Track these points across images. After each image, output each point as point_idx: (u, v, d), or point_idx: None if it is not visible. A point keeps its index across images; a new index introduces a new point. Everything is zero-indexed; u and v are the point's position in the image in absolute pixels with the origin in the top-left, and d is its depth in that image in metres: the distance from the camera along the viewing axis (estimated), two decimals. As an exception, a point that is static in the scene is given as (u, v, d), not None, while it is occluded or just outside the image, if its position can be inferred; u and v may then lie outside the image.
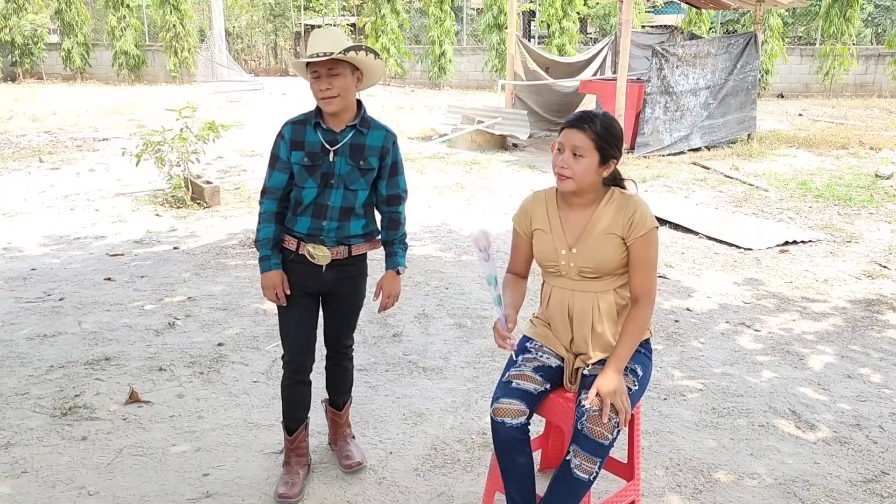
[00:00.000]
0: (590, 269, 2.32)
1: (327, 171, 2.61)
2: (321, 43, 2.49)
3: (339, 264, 2.70)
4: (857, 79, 19.85)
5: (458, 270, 5.44)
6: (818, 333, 4.37)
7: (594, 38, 25.94)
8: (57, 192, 8.05)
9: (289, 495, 2.73)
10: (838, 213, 7.19)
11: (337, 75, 2.51)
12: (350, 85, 2.55)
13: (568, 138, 2.29)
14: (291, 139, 2.64)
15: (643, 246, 2.30)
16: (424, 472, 2.93)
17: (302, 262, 2.68)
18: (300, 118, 2.67)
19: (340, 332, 2.88)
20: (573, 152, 2.27)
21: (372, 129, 2.66)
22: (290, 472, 2.83)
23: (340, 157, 2.61)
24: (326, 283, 2.71)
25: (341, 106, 2.56)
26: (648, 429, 3.25)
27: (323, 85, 2.51)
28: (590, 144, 2.26)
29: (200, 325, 4.36)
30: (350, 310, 2.85)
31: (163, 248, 5.99)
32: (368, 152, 2.64)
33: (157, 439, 3.14)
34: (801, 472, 2.96)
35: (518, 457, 2.29)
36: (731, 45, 10.77)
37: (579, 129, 2.27)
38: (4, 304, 4.70)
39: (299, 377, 2.81)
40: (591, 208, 2.35)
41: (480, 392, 3.58)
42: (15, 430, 3.19)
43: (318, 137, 2.61)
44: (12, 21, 22.61)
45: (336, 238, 2.67)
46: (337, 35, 2.54)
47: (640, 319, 2.32)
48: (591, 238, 2.32)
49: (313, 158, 2.60)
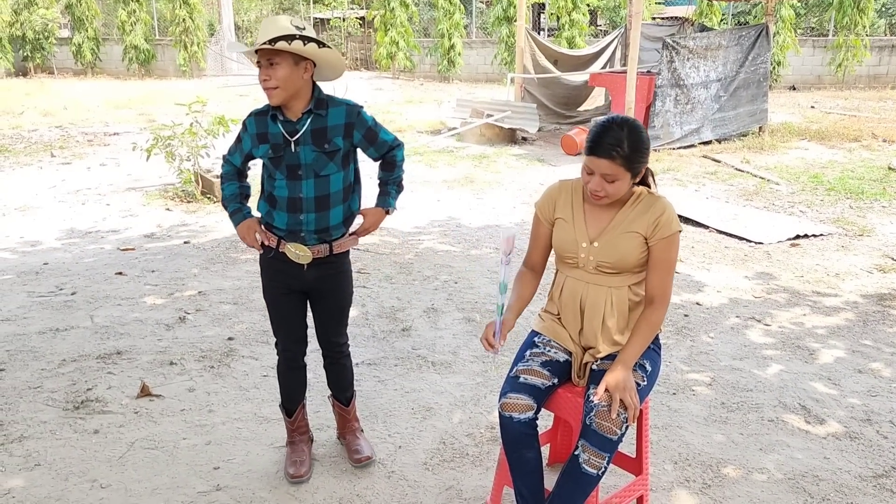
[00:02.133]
0: (608, 264, 2.32)
1: (292, 162, 2.57)
2: (264, 32, 2.42)
3: (321, 262, 2.68)
4: (871, 70, 19.64)
5: (467, 265, 5.44)
6: (829, 328, 4.35)
7: (604, 31, 25.81)
8: (68, 187, 8.11)
9: (300, 474, 2.81)
10: (850, 207, 7.14)
11: (275, 65, 2.44)
12: (292, 75, 2.46)
13: (597, 166, 2.20)
14: (256, 132, 2.62)
15: (665, 248, 2.29)
16: (433, 466, 2.94)
17: (283, 260, 2.67)
18: (261, 109, 2.63)
19: (330, 331, 2.85)
20: (605, 179, 2.22)
21: (332, 108, 2.59)
22: (295, 450, 2.90)
23: (303, 145, 2.56)
24: (309, 281, 2.70)
25: (283, 97, 2.49)
26: (657, 423, 3.25)
27: (263, 75, 2.46)
28: (619, 169, 2.19)
29: (211, 320, 4.39)
30: (336, 307, 2.82)
31: (173, 243, 6.02)
32: (331, 133, 2.58)
33: (169, 433, 3.17)
34: (811, 467, 2.95)
35: (526, 451, 2.30)
36: (743, 37, 10.69)
37: (607, 157, 2.17)
38: (17, 297, 4.74)
39: (294, 363, 2.87)
40: (616, 205, 2.34)
41: (489, 387, 3.59)
42: (28, 423, 3.23)
43: (278, 128, 2.57)
44: (23, 16, 22.71)
45: (316, 231, 2.63)
46: (280, 24, 2.43)
47: (653, 320, 2.32)
48: (614, 234, 2.31)
49: (276, 150, 2.58)
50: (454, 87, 21.08)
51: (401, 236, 6.15)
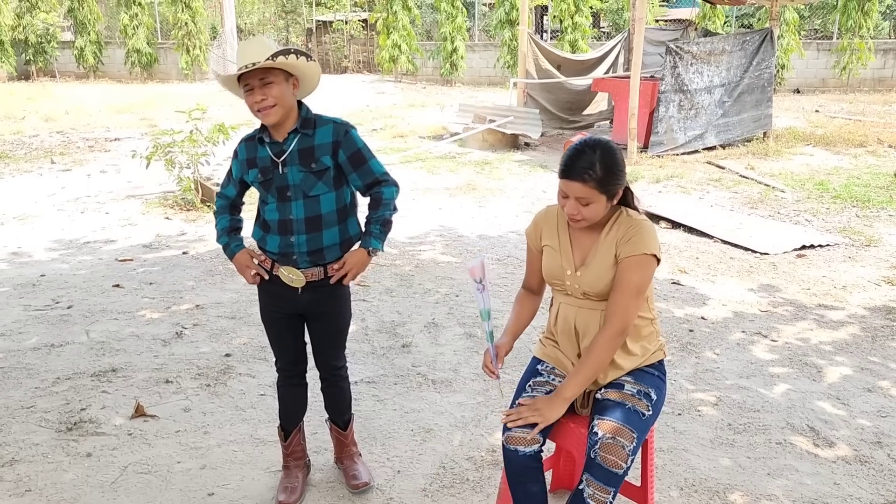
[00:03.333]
0: (593, 293, 2.26)
1: (281, 183, 2.53)
2: (249, 53, 2.39)
3: (316, 285, 2.62)
4: (875, 73, 19.54)
5: (469, 277, 5.36)
6: (836, 343, 4.27)
7: (607, 34, 25.72)
8: (68, 195, 8.06)
9: (289, 502, 2.74)
10: (857, 216, 7.05)
11: (270, 84, 2.41)
12: (286, 92, 2.45)
13: (570, 190, 2.16)
14: (246, 157, 2.60)
15: (628, 267, 2.19)
16: (432, 493, 2.87)
17: (278, 283, 2.62)
18: (252, 134, 2.62)
19: (328, 354, 2.79)
20: (579, 202, 2.18)
21: (319, 127, 2.55)
22: (288, 475, 2.84)
23: (290, 166, 2.52)
24: (303, 304, 2.65)
25: (280, 116, 2.46)
26: (662, 446, 3.17)
27: (258, 96, 2.42)
28: (593, 192, 2.14)
29: (208, 335, 4.32)
30: (333, 330, 2.76)
31: (172, 253, 5.96)
32: (318, 152, 2.53)
33: (163, 455, 3.10)
34: (820, 493, 2.87)
35: (531, 485, 2.23)
36: (747, 41, 10.60)
37: (579, 180, 2.13)
38: (13, 311, 4.68)
39: (293, 381, 2.84)
40: (598, 229, 2.29)
41: (490, 406, 3.52)
42: (20, 445, 3.16)
43: (266, 152, 2.55)
44: (25, 20, 22.74)
45: (308, 253, 2.57)
46: (263, 43, 2.43)
47: (599, 343, 2.20)
48: (595, 261, 2.26)
49: (265, 174, 2.55)
50: (457, 90, 21.03)
51: (401, 247, 6.08)
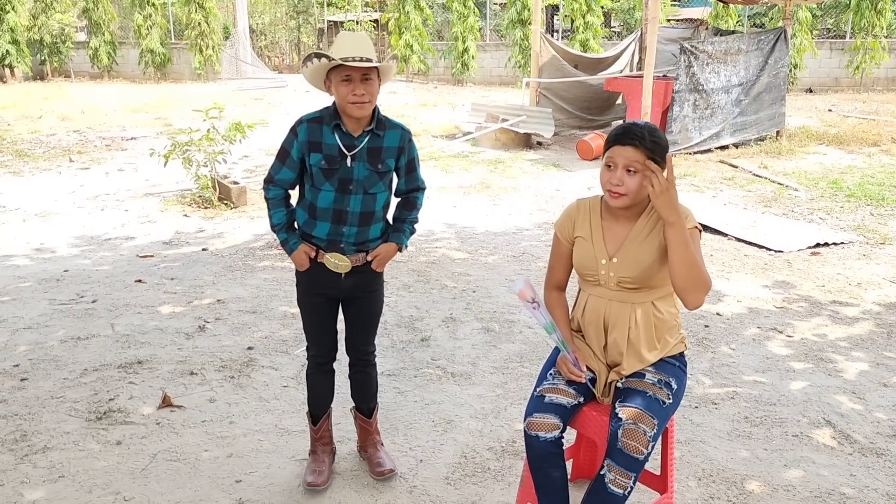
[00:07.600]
0: (629, 279, 2.30)
1: (345, 176, 2.61)
2: (358, 47, 2.49)
3: (358, 271, 2.72)
4: (889, 73, 19.46)
5: (485, 273, 5.43)
6: (851, 339, 4.30)
7: (618, 33, 25.71)
8: (87, 193, 8.17)
9: (317, 483, 2.83)
10: (871, 214, 7.06)
11: (370, 80, 2.53)
12: (378, 90, 2.58)
13: (620, 154, 2.23)
14: (308, 139, 2.61)
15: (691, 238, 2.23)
16: (455, 481, 2.93)
17: (320, 269, 2.70)
18: (315, 115, 2.65)
19: (360, 338, 2.90)
20: (627, 168, 2.23)
21: (388, 130, 2.67)
22: (316, 460, 2.93)
23: (359, 161, 2.61)
24: (346, 289, 2.75)
25: (369, 111, 2.58)
26: (680, 438, 3.22)
27: (359, 90, 2.50)
28: (643, 159, 2.20)
29: (230, 329, 4.40)
30: (369, 314, 2.87)
31: (191, 250, 6.05)
32: (385, 154, 2.65)
33: (190, 444, 3.18)
34: (837, 484, 2.91)
35: (552, 470, 2.28)
36: (762, 41, 10.61)
37: (631, 145, 2.21)
38: (39, 305, 4.78)
39: (324, 367, 2.92)
40: (634, 218, 2.34)
41: (509, 398, 3.58)
42: (52, 433, 3.24)
43: (335, 140, 2.59)
44: (40, 20, 22.97)
45: (355, 243, 2.69)
46: (367, 41, 2.56)
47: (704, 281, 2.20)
48: (633, 247, 2.30)
49: (331, 162, 2.60)
50: (468, 90, 21.09)
51: (417, 243, 6.14)
